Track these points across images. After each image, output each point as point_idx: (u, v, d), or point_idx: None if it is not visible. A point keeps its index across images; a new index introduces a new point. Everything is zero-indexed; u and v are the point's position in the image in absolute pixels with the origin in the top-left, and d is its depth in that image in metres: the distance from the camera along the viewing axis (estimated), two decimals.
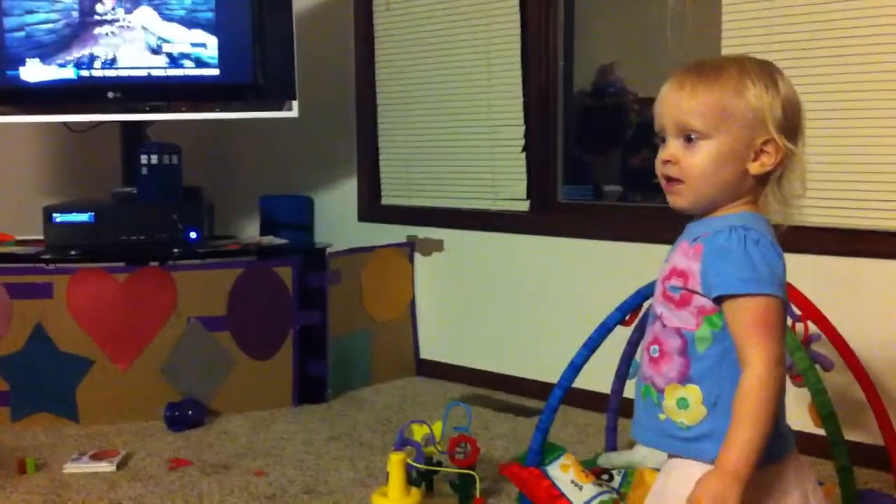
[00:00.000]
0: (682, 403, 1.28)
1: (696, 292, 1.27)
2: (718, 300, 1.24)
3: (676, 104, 1.29)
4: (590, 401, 3.01)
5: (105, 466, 2.70)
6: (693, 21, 3.88)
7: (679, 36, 4.32)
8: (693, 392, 1.27)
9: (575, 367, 2.34)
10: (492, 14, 3.48)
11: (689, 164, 1.28)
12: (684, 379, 1.28)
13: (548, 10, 3.43)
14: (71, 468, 2.69)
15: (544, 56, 3.45)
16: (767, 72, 1.29)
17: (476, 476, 2.37)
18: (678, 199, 1.31)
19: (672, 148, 1.29)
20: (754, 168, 1.27)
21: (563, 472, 2.29)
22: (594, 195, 4.11)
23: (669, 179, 1.31)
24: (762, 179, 1.29)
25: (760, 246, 1.23)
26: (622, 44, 4.72)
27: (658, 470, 2.35)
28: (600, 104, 4.75)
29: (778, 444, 1.25)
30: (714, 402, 1.25)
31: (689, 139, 1.28)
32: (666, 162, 1.30)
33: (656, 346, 1.31)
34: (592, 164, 4.50)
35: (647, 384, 1.32)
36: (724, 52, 2.89)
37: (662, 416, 1.30)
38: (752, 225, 1.26)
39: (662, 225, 3.15)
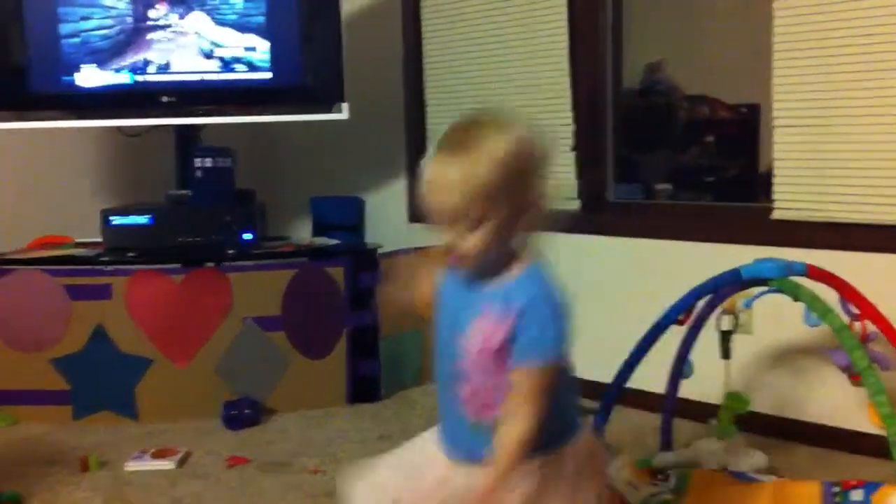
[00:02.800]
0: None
1: (505, 353, 1.41)
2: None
3: (444, 195, 1.37)
4: (644, 401, 3.00)
5: (166, 464, 2.75)
6: (743, 18, 3.86)
7: (729, 33, 4.30)
8: None
9: (629, 367, 2.35)
10: (539, 13, 3.47)
11: (470, 245, 1.39)
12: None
13: (596, 8, 3.42)
14: (132, 466, 2.75)
15: (593, 54, 3.44)
16: (507, 127, 1.40)
17: None
18: (460, 267, 1.46)
19: (451, 236, 1.40)
20: (529, 224, 1.42)
21: (617, 472, 2.29)
22: (644, 194, 4.10)
23: None
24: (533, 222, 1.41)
25: (562, 317, 1.44)
26: (671, 41, 4.71)
27: (716, 469, 2.35)
28: (648, 102, 4.74)
29: (560, 438, 1.48)
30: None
31: (465, 224, 1.37)
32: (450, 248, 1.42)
33: (478, 398, 1.46)
34: (642, 163, 4.49)
35: (475, 422, 1.47)
36: (776, 49, 2.86)
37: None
38: (551, 286, 1.44)
39: (714, 223, 3.17)
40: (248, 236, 3.40)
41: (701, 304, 2.41)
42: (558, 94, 3.46)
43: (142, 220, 3.37)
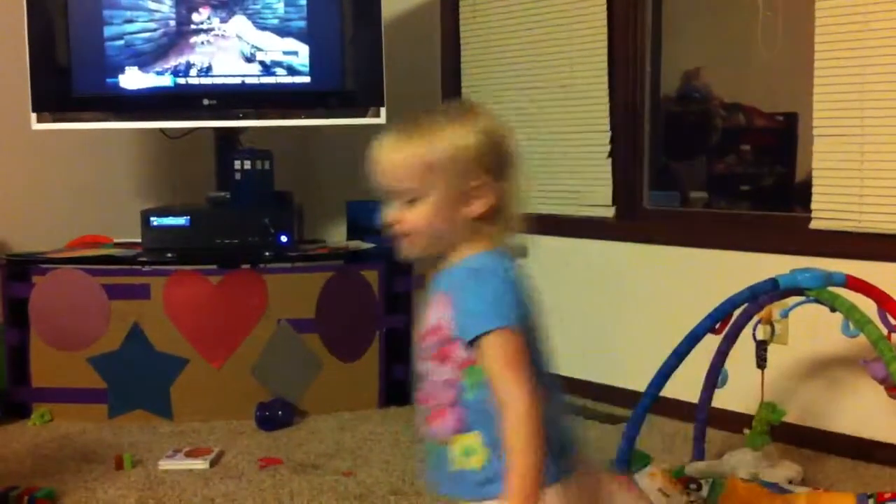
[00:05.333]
0: (468, 451, 1.34)
1: (453, 342, 1.33)
2: (472, 344, 1.30)
3: (387, 169, 1.37)
4: (676, 409, 2.98)
5: (199, 464, 2.78)
6: (783, 25, 3.83)
7: (770, 40, 4.27)
8: (474, 438, 1.33)
9: (663, 375, 2.34)
10: (578, 19, 3.48)
11: (411, 221, 1.36)
12: (463, 427, 1.34)
13: (635, 15, 3.41)
14: (166, 465, 2.78)
15: (631, 61, 3.44)
16: (462, 115, 1.37)
17: None
18: (408, 251, 1.40)
19: (394, 210, 1.38)
20: (473, 212, 1.35)
21: (650, 481, 2.28)
22: (680, 202, 4.08)
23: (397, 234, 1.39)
24: (487, 217, 1.36)
25: (488, 285, 1.31)
26: (710, 48, 4.68)
27: (749, 480, 2.34)
28: (685, 109, 4.71)
29: (553, 468, 1.31)
30: (494, 443, 1.31)
31: (407, 200, 1.36)
32: (392, 223, 1.38)
33: (430, 404, 1.37)
34: (678, 171, 4.46)
35: (432, 441, 1.38)
36: (818, 59, 2.84)
37: (454, 468, 1.35)
38: (486, 264, 1.34)
39: (751, 232, 3.15)
40: (284, 239, 3.43)
41: (737, 313, 2.39)
42: (596, 100, 3.46)
43: (181, 221, 3.40)
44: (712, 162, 4.76)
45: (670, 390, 2.42)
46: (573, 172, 3.55)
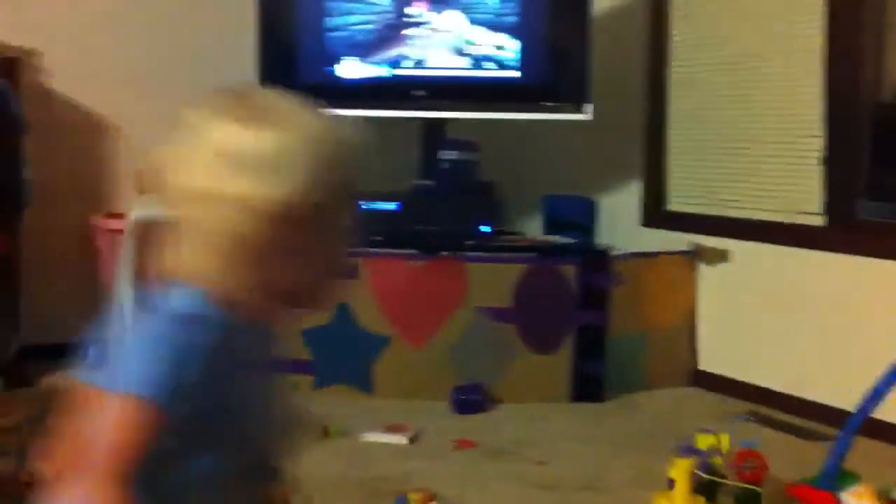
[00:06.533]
0: None
1: None
2: None
3: None
4: (880, 431, 2.86)
5: (399, 439, 2.91)
6: None
7: None
8: None
9: (878, 394, 2.26)
10: (795, 20, 3.37)
11: None
12: None
13: (857, 15, 3.27)
14: (369, 437, 2.92)
15: (851, 63, 3.30)
16: None
17: (761, 493, 2.34)
18: None
19: None
20: None
21: (857, 500, 2.22)
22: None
23: None
24: None
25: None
26: None
27: None
28: None
29: None
30: None
31: None
32: None
33: None
34: (892, 180, 4.24)
35: None
36: None
37: None
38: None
39: None
40: (486, 228, 3.51)
41: None
42: (810, 104, 3.34)
43: (389, 206, 3.55)
44: None
45: (883, 412, 2.34)
46: (782, 177, 3.46)
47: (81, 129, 3.78)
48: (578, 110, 3.59)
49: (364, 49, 3.67)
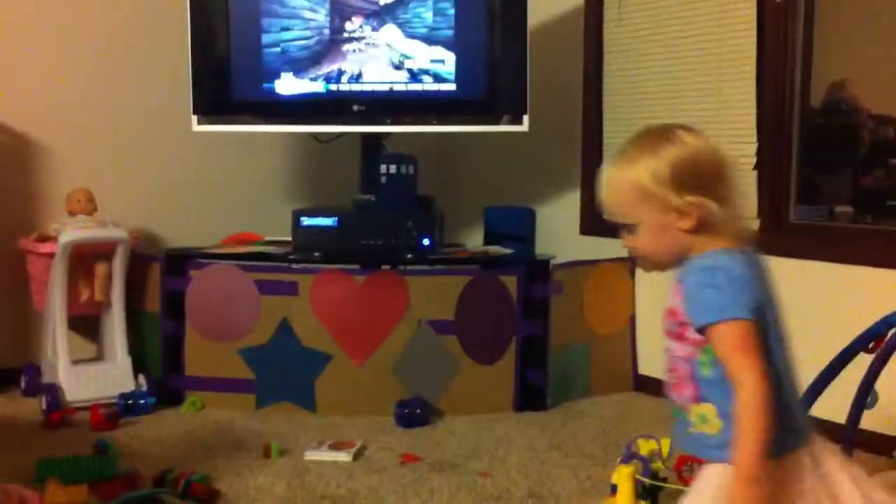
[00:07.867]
0: (703, 419, 1.49)
1: (687, 325, 1.47)
2: (702, 330, 1.44)
3: (605, 204, 1.55)
4: (823, 431, 2.91)
5: (343, 456, 2.88)
6: None
7: None
8: (708, 409, 1.48)
9: (812, 395, 2.30)
10: (727, 29, 3.44)
11: (639, 246, 1.52)
12: (699, 398, 1.49)
13: (786, 25, 3.35)
14: (311, 455, 2.89)
15: (781, 72, 3.38)
16: (656, 138, 1.51)
17: None
18: (648, 269, 1.58)
19: (626, 239, 1.54)
20: (685, 226, 1.47)
21: None
22: (827, 216, 3.97)
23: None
24: (702, 228, 1.47)
25: (722, 278, 1.41)
26: (860, 59, 4.54)
27: None
28: (831, 122, 4.58)
29: (788, 439, 1.45)
30: (726, 415, 1.44)
31: (629, 226, 1.52)
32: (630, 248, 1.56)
33: (673, 374, 1.54)
34: (823, 184, 4.34)
35: (675, 406, 1.54)
36: None
37: (692, 430, 1.51)
38: (715, 262, 1.44)
39: None
40: (426, 242, 3.51)
41: (892, 332, 2.33)
42: (742, 111, 3.41)
43: (329, 221, 3.53)
44: (858, 176, 4.62)
45: (817, 410, 2.38)
46: None
47: (11, 151, 3.70)
48: (516, 121, 3.62)
49: (301, 65, 3.66)
